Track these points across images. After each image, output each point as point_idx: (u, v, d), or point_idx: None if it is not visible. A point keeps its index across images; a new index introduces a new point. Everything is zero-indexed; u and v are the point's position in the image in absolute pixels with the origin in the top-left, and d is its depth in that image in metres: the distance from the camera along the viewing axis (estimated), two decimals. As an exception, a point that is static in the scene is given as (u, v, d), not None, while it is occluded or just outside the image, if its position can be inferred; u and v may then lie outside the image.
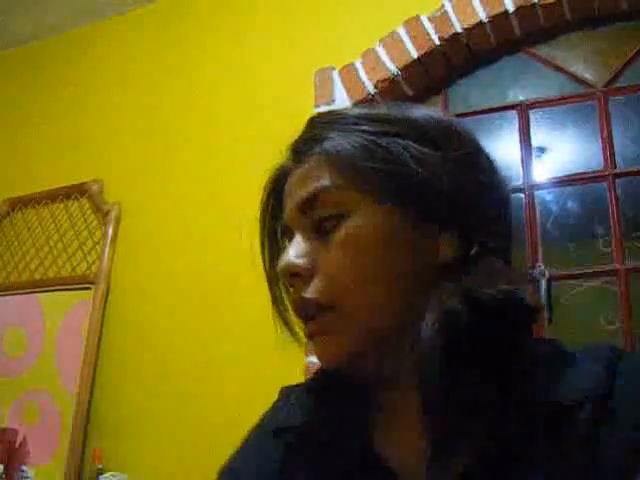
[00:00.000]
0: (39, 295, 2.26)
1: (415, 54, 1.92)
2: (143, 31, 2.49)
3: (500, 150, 1.86)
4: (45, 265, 2.32)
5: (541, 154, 1.86)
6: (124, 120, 2.38)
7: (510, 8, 1.84)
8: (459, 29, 1.89)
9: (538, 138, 1.86)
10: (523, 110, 1.89)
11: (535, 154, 1.85)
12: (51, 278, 2.28)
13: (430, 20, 1.92)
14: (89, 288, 2.15)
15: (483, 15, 1.86)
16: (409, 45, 1.93)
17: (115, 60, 2.51)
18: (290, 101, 2.04)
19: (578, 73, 1.85)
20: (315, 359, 0.59)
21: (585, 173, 1.77)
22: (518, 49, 1.94)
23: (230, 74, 2.23)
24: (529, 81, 1.91)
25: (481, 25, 1.87)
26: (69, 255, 2.29)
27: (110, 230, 2.21)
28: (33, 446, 2.05)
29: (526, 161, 1.83)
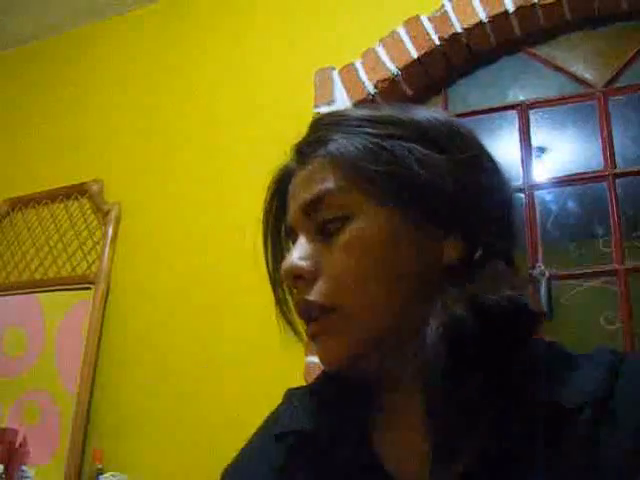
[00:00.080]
0: (39, 295, 2.26)
1: (415, 54, 1.92)
2: (143, 31, 2.49)
3: (500, 150, 1.85)
4: (45, 265, 2.32)
5: (541, 154, 1.86)
6: (124, 120, 2.38)
7: (510, 8, 1.84)
8: (459, 29, 1.88)
9: (538, 138, 1.86)
10: (523, 110, 1.89)
11: (535, 154, 1.85)
12: (51, 278, 2.28)
13: (430, 20, 1.92)
14: (89, 288, 2.15)
15: (483, 15, 1.86)
16: (409, 45, 1.93)
17: (115, 60, 2.51)
18: (290, 101, 2.04)
19: (578, 73, 1.85)
20: (315, 359, 0.59)
21: (585, 173, 1.77)
22: (518, 49, 1.94)
23: (230, 74, 2.23)
24: (529, 81, 1.91)
25: (481, 25, 1.87)
26: (69, 255, 2.29)
27: (110, 230, 2.21)
28: (33, 446, 2.04)
29: (526, 161, 1.83)
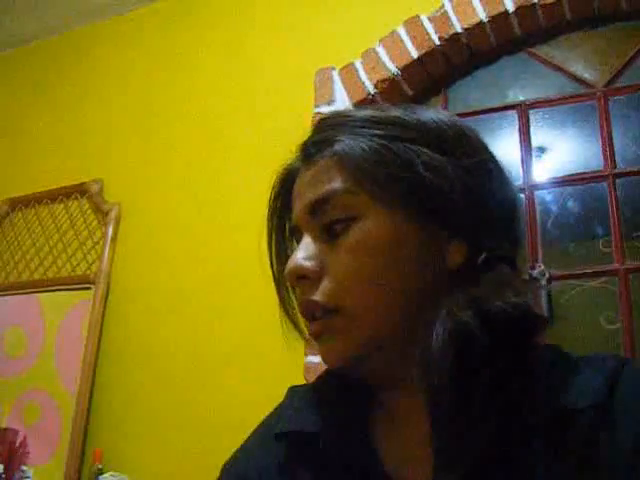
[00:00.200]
0: (39, 295, 2.26)
1: (415, 54, 1.92)
2: (143, 31, 2.49)
3: (500, 150, 1.84)
4: (45, 265, 2.32)
5: (541, 154, 1.86)
6: (124, 120, 2.38)
7: (510, 8, 1.83)
8: (459, 29, 1.88)
9: (538, 138, 1.86)
10: (523, 110, 1.89)
11: (535, 154, 1.85)
12: (51, 278, 2.28)
13: (430, 20, 1.92)
14: (89, 288, 2.15)
15: (483, 15, 1.86)
16: (409, 45, 1.93)
17: (115, 60, 2.50)
18: (290, 101, 2.04)
19: (578, 73, 1.85)
20: (315, 359, 0.59)
21: (585, 173, 1.77)
22: (518, 49, 1.94)
23: (230, 74, 2.23)
24: (529, 81, 1.91)
25: (481, 25, 1.87)
26: (69, 255, 2.29)
27: (110, 230, 2.20)
28: (33, 446, 2.04)
29: (526, 161, 1.83)
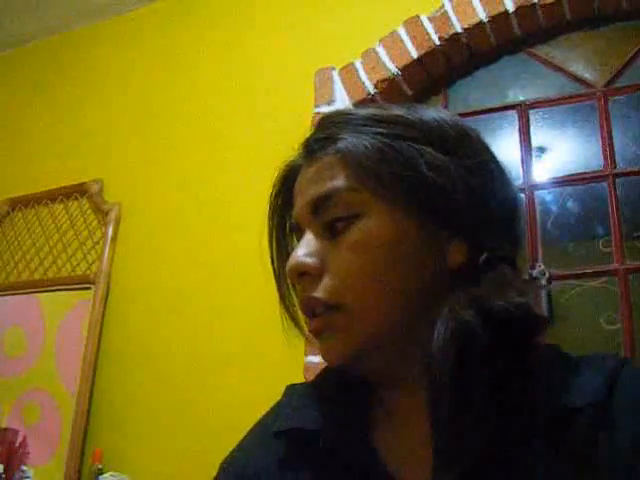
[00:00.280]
0: (39, 295, 2.26)
1: (415, 54, 1.92)
2: (143, 31, 2.49)
3: (500, 150, 1.84)
4: (45, 265, 2.32)
5: (541, 154, 1.86)
6: (124, 120, 2.38)
7: (510, 8, 1.83)
8: (459, 29, 1.88)
9: (538, 138, 1.86)
10: (523, 110, 1.89)
11: (535, 154, 1.85)
12: (51, 278, 2.28)
13: (430, 20, 1.92)
14: (89, 288, 2.15)
15: (483, 15, 1.86)
16: (409, 45, 1.93)
17: (115, 60, 2.50)
18: (290, 101, 2.04)
19: (578, 73, 1.85)
20: (315, 359, 0.59)
21: (585, 173, 1.77)
22: (518, 49, 1.94)
23: (230, 74, 2.23)
24: (529, 81, 1.91)
25: (481, 25, 1.87)
26: (69, 255, 2.29)
27: (110, 230, 2.20)
28: (33, 446, 2.04)
29: (526, 161, 1.83)
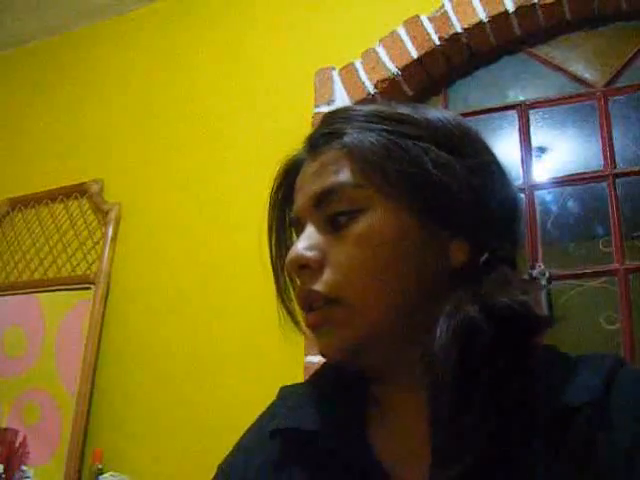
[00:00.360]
0: (39, 295, 2.26)
1: (415, 54, 1.92)
2: (143, 31, 2.49)
3: (500, 150, 1.84)
4: (45, 265, 2.32)
5: (541, 154, 1.86)
6: (124, 120, 2.38)
7: (510, 8, 1.83)
8: (459, 29, 1.88)
9: (538, 138, 1.86)
10: (523, 110, 1.89)
11: (535, 154, 1.85)
12: (51, 278, 2.28)
13: (430, 20, 1.92)
14: (89, 288, 2.15)
15: (483, 15, 1.86)
16: (409, 45, 1.93)
17: (115, 60, 2.51)
18: (290, 101, 2.04)
19: (578, 73, 1.85)
20: (315, 359, 0.59)
21: (585, 173, 1.77)
22: (518, 49, 1.94)
23: (230, 74, 2.23)
24: (529, 81, 1.91)
25: (481, 25, 1.87)
26: (69, 255, 2.29)
27: (110, 230, 2.20)
28: (33, 446, 2.04)
29: (526, 161, 1.83)
